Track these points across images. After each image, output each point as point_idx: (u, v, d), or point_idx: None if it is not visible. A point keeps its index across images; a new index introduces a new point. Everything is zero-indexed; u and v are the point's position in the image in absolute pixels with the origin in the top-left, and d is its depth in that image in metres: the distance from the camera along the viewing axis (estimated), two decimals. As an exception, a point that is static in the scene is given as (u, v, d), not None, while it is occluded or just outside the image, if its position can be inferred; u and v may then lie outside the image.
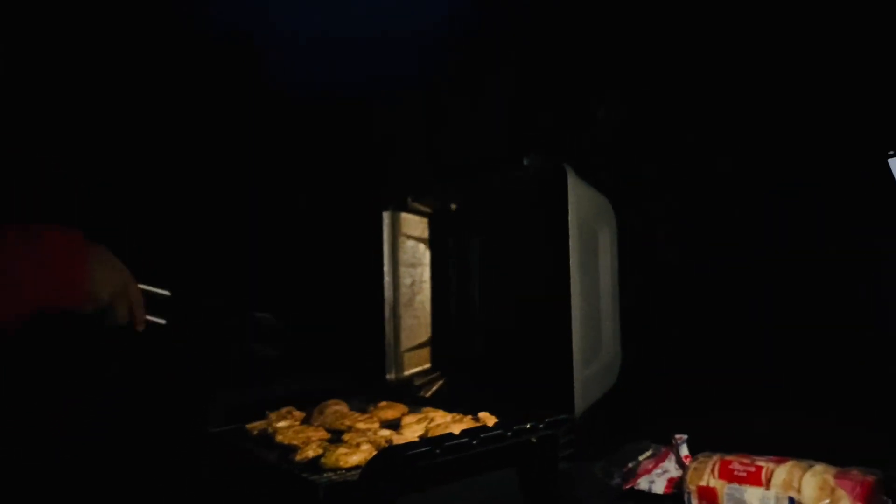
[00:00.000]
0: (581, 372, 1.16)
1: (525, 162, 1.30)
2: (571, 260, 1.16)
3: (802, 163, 1.42)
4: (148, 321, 1.20)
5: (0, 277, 1.06)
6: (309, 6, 1.84)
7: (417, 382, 1.60)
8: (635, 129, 1.61)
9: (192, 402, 1.42)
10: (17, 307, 1.09)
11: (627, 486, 1.53)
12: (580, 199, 1.18)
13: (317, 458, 1.11)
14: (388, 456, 0.92)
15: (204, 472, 1.17)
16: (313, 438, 1.21)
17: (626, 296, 1.37)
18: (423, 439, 1.03)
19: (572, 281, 1.16)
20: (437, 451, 0.92)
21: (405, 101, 1.82)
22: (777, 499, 1.32)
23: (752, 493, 1.35)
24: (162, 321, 1.22)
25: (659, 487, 1.51)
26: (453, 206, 1.58)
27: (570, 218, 1.15)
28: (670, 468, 1.54)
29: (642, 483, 1.52)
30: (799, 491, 1.30)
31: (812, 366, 1.51)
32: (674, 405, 1.67)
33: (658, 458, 1.57)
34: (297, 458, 1.13)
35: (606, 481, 1.57)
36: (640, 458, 1.58)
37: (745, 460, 1.41)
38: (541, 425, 1.02)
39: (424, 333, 1.66)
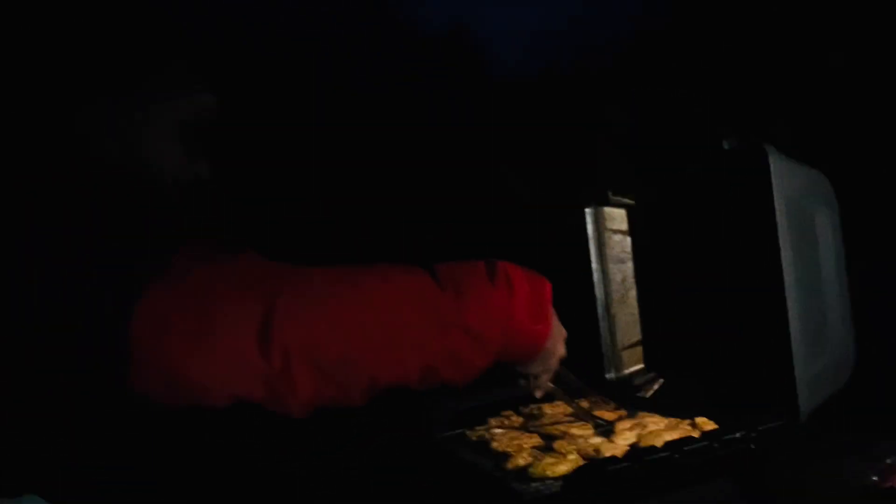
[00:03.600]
0: (804, 371, 1.05)
1: (725, 146, 1.21)
2: (782, 245, 1.05)
3: None
4: None
5: (474, 320, 1.02)
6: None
7: (637, 382, 1.55)
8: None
9: (418, 407, 1.49)
10: (480, 358, 1.05)
11: (887, 485, 1.37)
12: (786, 177, 1.07)
13: (527, 467, 1.13)
14: (587, 473, 0.91)
15: (425, 478, 1.23)
16: (525, 445, 1.23)
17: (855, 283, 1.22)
18: (627, 453, 1.00)
19: (785, 269, 1.05)
20: (637, 466, 0.89)
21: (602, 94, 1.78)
22: None
23: None
24: None
25: (927, 486, 1.33)
26: (656, 197, 1.51)
27: (775, 199, 1.05)
28: (939, 464, 1.35)
29: (906, 482, 1.35)
30: None
31: None
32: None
33: (924, 454, 1.38)
34: (509, 466, 1.15)
35: (859, 480, 1.41)
36: (902, 453, 1.40)
37: None
38: (753, 434, 0.95)
39: (639, 331, 1.60)
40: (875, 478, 1.40)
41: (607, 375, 1.58)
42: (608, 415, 1.39)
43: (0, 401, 0.88)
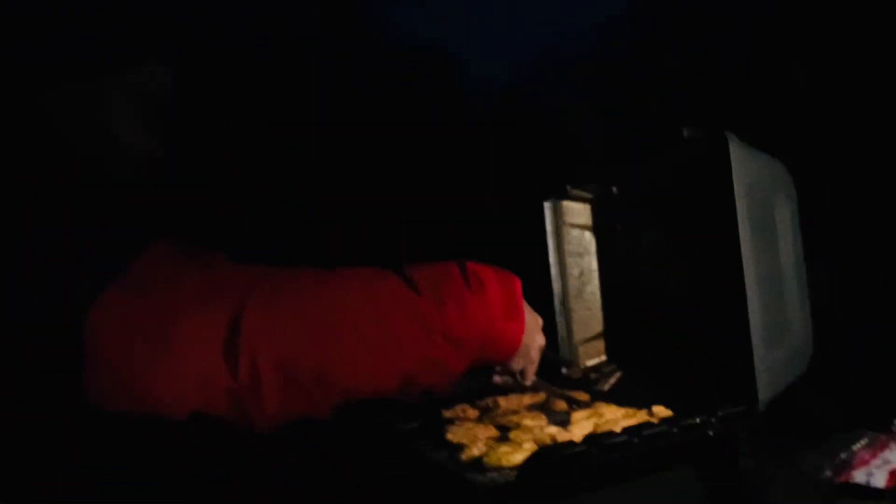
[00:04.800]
0: (763, 359, 1.04)
1: (685, 134, 1.20)
2: (741, 234, 1.05)
3: None
4: None
5: (454, 326, 1.00)
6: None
7: (594, 376, 1.54)
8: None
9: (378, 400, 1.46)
10: (460, 363, 1.04)
11: (840, 480, 1.37)
12: (746, 166, 1.06)
13: (482, 457, 1.10)
14: (544, 457, 0.89)
15: (384, 469, 1.20)
16: (480, 436, 1.20)
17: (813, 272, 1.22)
18: (585, 438, 0.98)
19: (744, 258, 1.05)
20: (595, 450, 0.87)
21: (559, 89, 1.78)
22: None
23: None
24: None
25: (879, 481, 1.33)
26: (615, 190, 1.50)
27: (735, 187, 1.04)
28: (892, 458, 1.35)
29: (858, 476, 1.35)
30: None
31: None
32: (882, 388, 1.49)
33: (876, 448, 1.38)
34: (464, 457, 1.12)
35: (815, 476, 1.42)
36: (854, 447, 1.41)
37: None
38: (713, 419, 0.93)
39: (598, 325, 1.59)
40: (829, 472, 1.41)
41: (563, 370, 1.57)
42: (582, 395, 1.38)
43: None
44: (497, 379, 1.30)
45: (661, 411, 1.14)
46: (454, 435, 1.24)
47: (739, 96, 1.49)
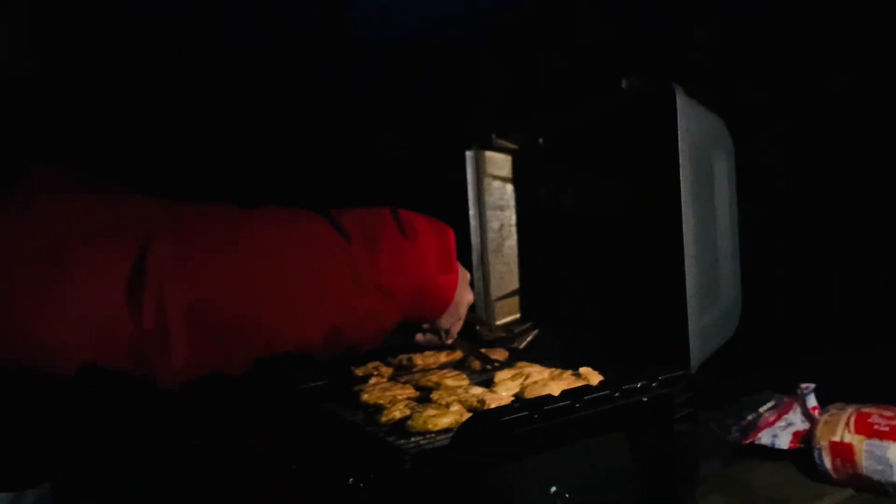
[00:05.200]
0: (697, 321, 1.01)
1: (624, 84, 1.14)
2: (683, 191, 1.00)
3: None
4: None
5: (387, 276, 0.93)
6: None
7: (508, 334, 1.49)
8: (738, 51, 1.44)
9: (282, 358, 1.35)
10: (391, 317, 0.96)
11: (747, 441, 1.40)
12: (691, 122, 1.02)
13: (404, 420, 1.02)
14: (481, 422, 0.82)
15: (288, 429, 1.10)
16: (400, 397, 1.12)
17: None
18: (521, 402, 0.92)
19: (684, 216, 1.01)
20: (536, 415, 0.81)
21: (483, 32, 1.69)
22: (929, 457, 1.16)
23: (898, 451, 1.19)
24: None
25: (783, 442, 1.37)
26: (541, 141, 1.43)
27: (679, 143, 1.00)
28: (795, 420, 1.39)
29: (764, 437, 1.39)
30: (958, 448, 1.14)
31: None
32: (794, 350, 1.53)
33: (781, 410, 1.42)
34: (383, 419, 1.04)
35: (723, 436, 1.44)
36: (761, 410, 1.44)
37: (888, 413, 1.25)
38: (654, 384, 0.89)
39: (515, 282, 1.54)
40: (737, 434, 1.43)
41: (478, 327, 1.52)
42: (499, 354, 1.34)
43: None
44: (420, 337, 1.23)
45: (588, 373, 1.10)
46: (370, 395, 1.16)
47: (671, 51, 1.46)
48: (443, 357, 1.32)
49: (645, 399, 0.93)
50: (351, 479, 0.90)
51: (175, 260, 0.73)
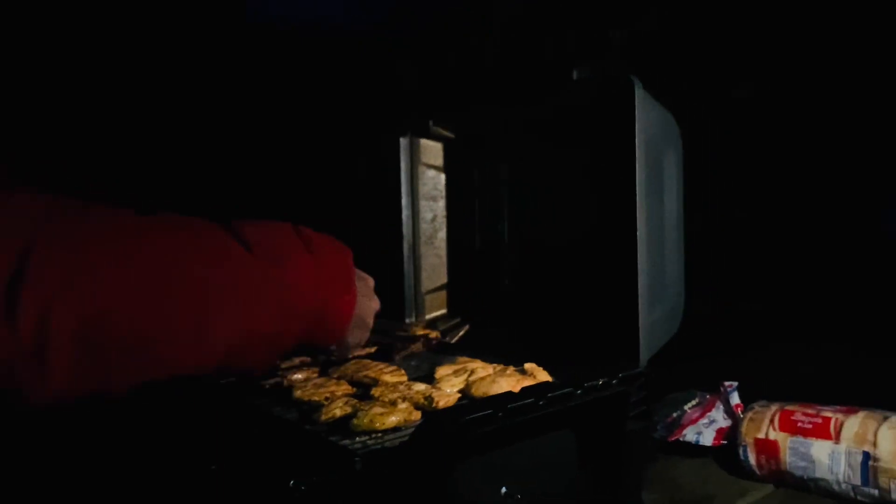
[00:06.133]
0: (647, 316, 1.00)
1: (574, 76, 1.12)
2: (637, 187, 0.99)
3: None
4: None
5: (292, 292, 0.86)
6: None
7: (441, 328, 1.45)
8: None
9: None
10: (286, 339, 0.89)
11: (672, 438, 1.41)
12: (648, 116, 1.01)
13: (346, 418, 0.95)
14: (443, 422, 0.77)
15: (214, 432, 1.01)
16: (337, 394, 1.06)
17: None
18: (482, 400, 0.88)
19: (638, 212, 0.99)
20: (500, 414, 0.77)
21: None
22: (849, 453, 1.20)
23: (820, 447, 1.22)
24: None
25: (707, 439, 1.39)
26: (481, 132, 1.40)
27: (636, 137, 0.98)
28: (718, 418, 1.42)
29: (688, 435, 1.40)
30: (875, 445, 1.18)
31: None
32: (718, 347, 1.56)
33: (704, 408, 1.44)
34: (323, 418, 0.97)
35: (649, 434, 1.44)
36: (686, 407, 1.46)
37: (810, 411, 1.28)
38: (614, 381, 0.87)
39: (445, 275, 1.50)
40: (662, 431, 1.44)
41: (407, 320, 1.47)
42: (417, 347, 1.30)
43: None
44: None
45: (534, 369, 1.07)
46: (303, 391, 1.08)
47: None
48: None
49: (605, 396, 0.90)
50: (292, 482, 0.83)
51: (65, 269, 0.64)
